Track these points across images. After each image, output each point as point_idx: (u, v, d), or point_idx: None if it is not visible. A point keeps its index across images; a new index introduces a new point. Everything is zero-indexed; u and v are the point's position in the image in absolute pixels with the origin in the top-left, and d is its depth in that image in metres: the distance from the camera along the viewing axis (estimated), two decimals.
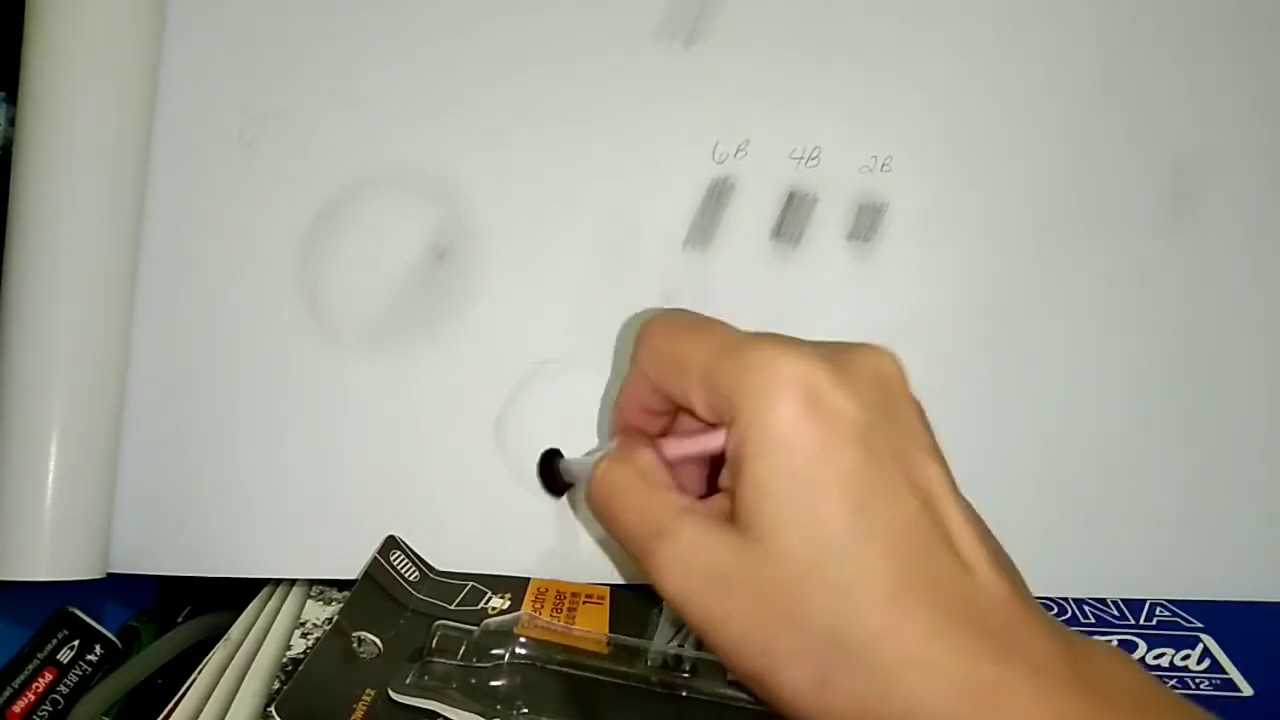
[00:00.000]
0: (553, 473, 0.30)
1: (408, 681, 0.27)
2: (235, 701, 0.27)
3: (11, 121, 0.32)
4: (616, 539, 0.24)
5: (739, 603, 0.20)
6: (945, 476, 0.22)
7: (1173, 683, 0.29)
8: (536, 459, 0.30)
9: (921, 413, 0.23)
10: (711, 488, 0.26)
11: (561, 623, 0.30)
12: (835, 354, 0.22)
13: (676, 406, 0.25)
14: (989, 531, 0.22)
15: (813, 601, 0.20)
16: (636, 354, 0.25)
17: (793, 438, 0.20)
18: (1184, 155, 0.32)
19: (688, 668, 0.28)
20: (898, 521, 0.20)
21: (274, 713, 0.26)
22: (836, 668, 0.19)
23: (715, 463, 0.26)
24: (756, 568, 0.20)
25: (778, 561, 0.20)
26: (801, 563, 0.20)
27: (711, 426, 0.23)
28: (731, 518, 0.21)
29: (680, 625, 0.30)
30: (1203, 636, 0.30)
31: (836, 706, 0.19)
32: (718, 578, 0.21)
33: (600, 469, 0.25)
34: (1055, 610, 0.31)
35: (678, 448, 0.25)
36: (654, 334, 0.25)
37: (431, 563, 0.32)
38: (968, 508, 0.22)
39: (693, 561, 0.21)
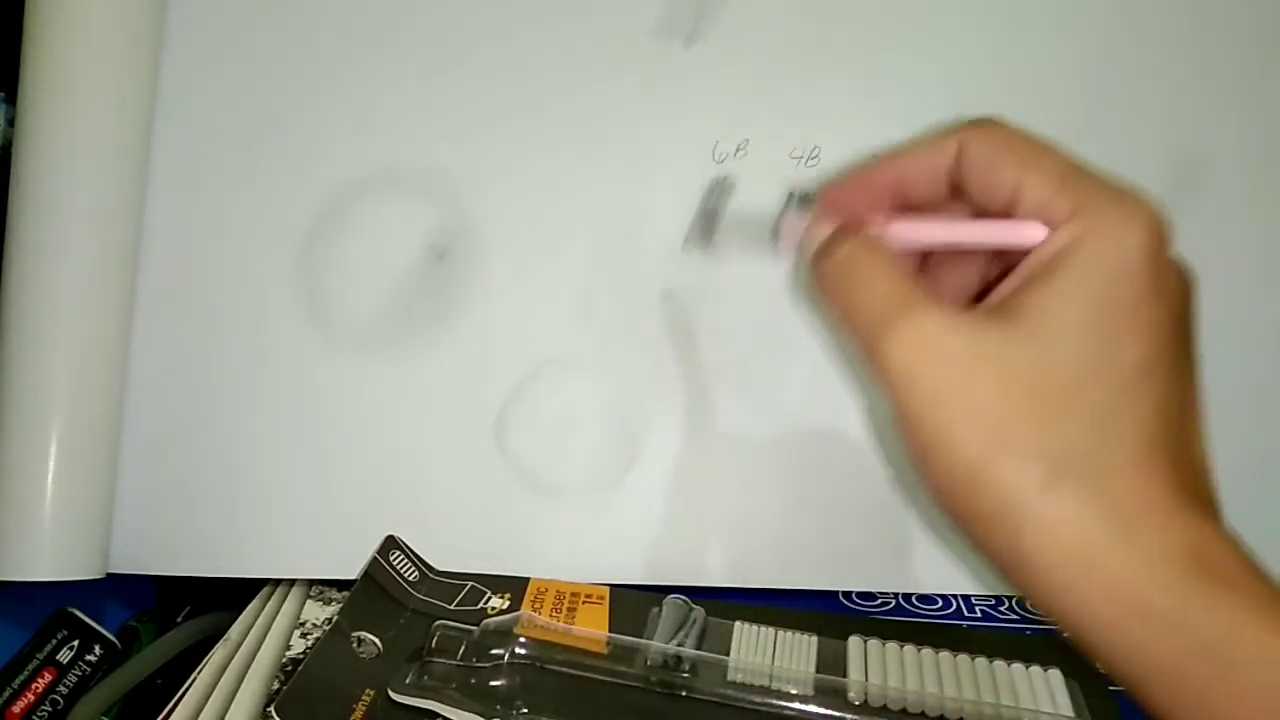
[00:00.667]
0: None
1: (407, 681, 0.27)
2: (235, 701, 0.27)
3: (11, 122, 0.32)
4: (843, 314, 0.23)
5: (990, 385, 0.20)
6: (1197, 398, 0.22)
7: None
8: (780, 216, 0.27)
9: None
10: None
11: (561, 622, 0.30)
12: (1173, 239, 0.22)
13: (945, 197, 0.24)
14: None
15: (1080, 412, 0.20)
16: (969, 129, 0.23)
17: (1129, 273, 0.20)
18: (1183, 155, 0.32)
19: (687, 667, 0.28)
20: (1160, 403, 0.20)
21: (274, 713, 0.26)
22: (1069, 481, 0.19)
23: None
24: (1021, 347, 0.20)
25: (1061, 358, 0.20)
26: (1082, 373, 0.20)
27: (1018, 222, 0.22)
28: (1003, 313, 0.21)
29: (680, 625, 0.30)
30: None
31: (1054, 515, 0.19)
32: (973, 358, 0.20)
33: (844, 248, 0.24)
34: None
35: (967, 232, 0.23)
36: (999, 127, 0.23)
37: (431, 563, 0.32)
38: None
39: (938, 343, 0.21)
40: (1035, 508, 0.19)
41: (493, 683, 0.27)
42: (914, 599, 0.32)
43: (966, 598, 0.32)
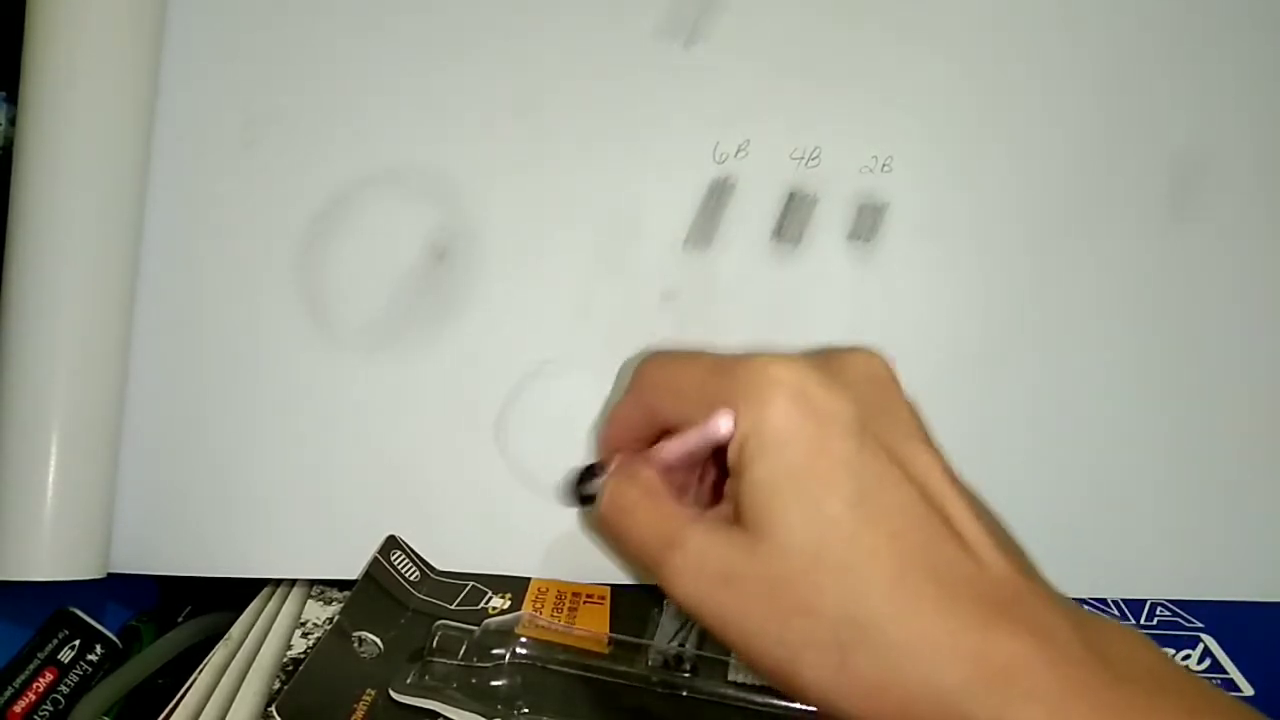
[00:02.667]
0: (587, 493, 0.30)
1: (408, 681, 0.27)
2: (236, 701, 0.27)
3: (12, 121, 0.32)
4: (628, 555, 0.25)
5: (752, 599, 0.21)
6: (941, 465, 0.22)
7: None
8: (571, 484, 0.31)
9: (914, 408, 0.24)
10: (714, 499, 0.26)
11: (562, 622, 0.30)
12: (824, 359, 0.23)
13: (666, 432, 0.26)
14: (993, 516, 0.23)
15: (823, 589, 0.20)
16: (634, 384, 0.27)
17: (789, 436, 0.21)
18: (1184, 155, 0.32)
19: (689, 667, 0.28)
20: (897, 507, 0.21)
21: (275, 713, 0.26)
22: (852, 650, 0.20)
23: (717, 476, 0.26)
24: (765, 563, 0.21)
25: (785, 554, 0.21)
26: (808, 553, 0.21)
27: (706, 423, 0.23)
28: (737, 520, 0.22)
29: (681, 624, 0.30)
30: (1203, 636, 0.30)
31: (856, 688, 0.20)
32: (729, 577, 0.21)
33: (608, 489, 0.25)
34: None
35: (680, 446, 0.25)
36: (650, 365, 0.26)
37: (432, 562, 0.32)
38: (968, 494, 0.22)
39: (703, 565, 0.22)
40: (838, 692, 0.20)
41: (494, 683, 0.28)
42: None
43: None
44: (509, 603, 0.31)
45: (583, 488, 0.30)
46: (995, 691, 0.19)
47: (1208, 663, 0.29)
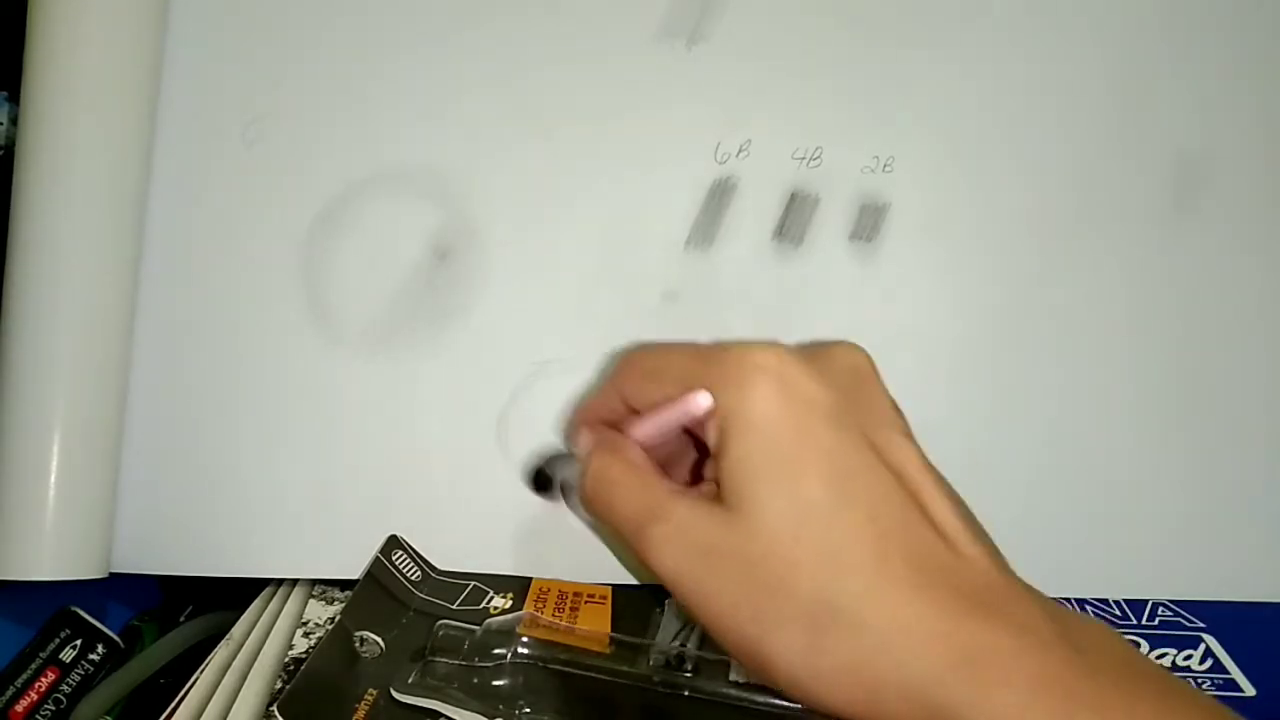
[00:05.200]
0: (547, 481, 0.30)
1: (410, 681, 0.27)
2: (237, 701, 0.27)
3: (14, 121, 0.32)
4: (611, 527, 0.24)
5: (729, 575, 0.21)
6: (919, 457, 0.22)
7: None
8: (529, 476, 0.31)
9: (893, 401, 0.24)
10: (695, 480, 0.27)
11: (564, 622, 0.30)
12: (806, 350, 0.23)
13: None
14: (968, 510, 0.23)
15: (799, 568, 0.20)
16: (614, 375, 0.27)
17: (770, 418, 0.22)
18: (1186, 154, 0.32)
19: (690, 667, 0.28)
20: (875, 493, 0.21)
21: (276, 712, 0.26)
22: (825, 631, 0.20)
23: (696, 461, 0.27)
24: (744, 540, 0.21)
25: (763, 532, 0.21)
26: (786, 532, 0.21)
27: (683, 398, 0.24)
28: (718, 500, 0.22)
29: (683, 624, 0.30)
30: (1205, 637, 0.30)
31: (827, 669, 0.20)
32: (708, 552, 0.22)
33: (594, 463, 0.25)
34: None
35: (654, 421, 0.25)
36: (630, 354, 0.26)
37: (434, 562, 0.32)
38: (945, 486, 0.22)
39: (684, 539, 0.22)
40: (808, 673, 0.20)
41: (495, 682, 0.28)
42: None
43: None
44: (510, 602, 0.31)
45: (547, 469, 0.30)
46: (968, 679, 0.19)
47: (1209, 663, 0.29)
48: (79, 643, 0.34)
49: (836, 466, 0.21)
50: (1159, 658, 0.29)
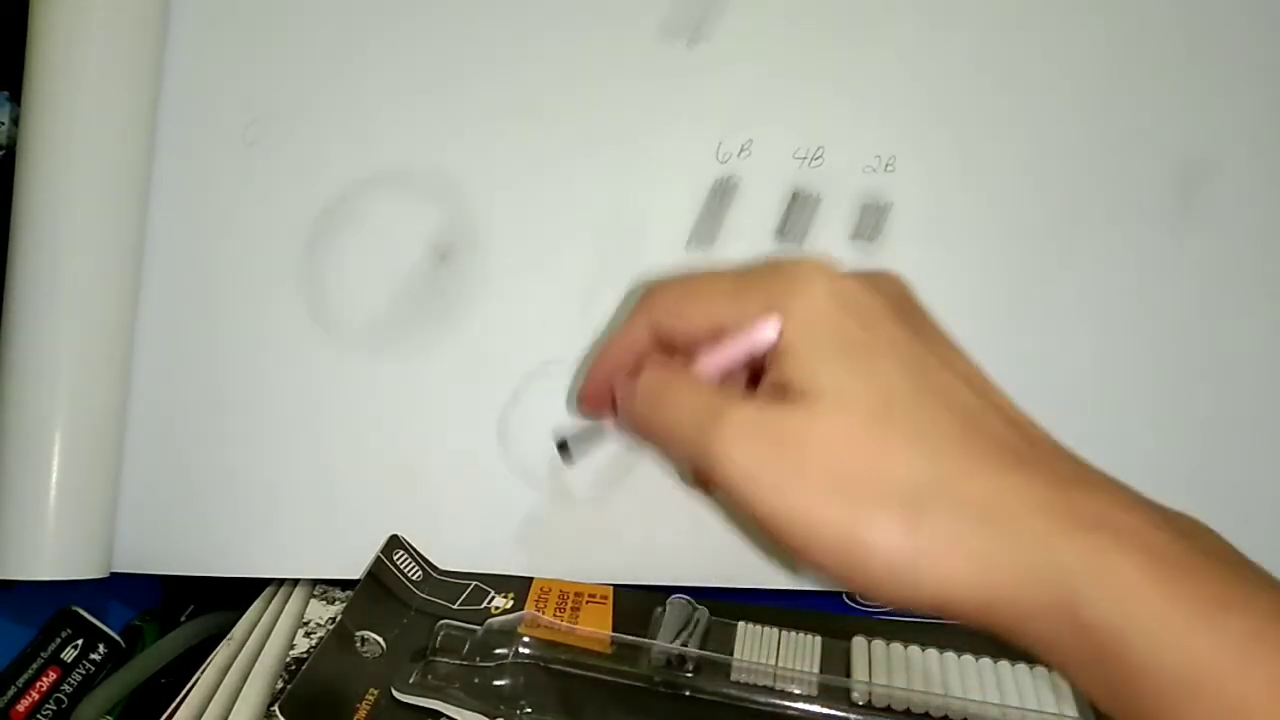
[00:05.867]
0: (568, 448, 0.30)
1: (411, 681, 0.27)
2: (239, 701, 0.27)
3: (16, 121, 0.32)
4: (665, 438, 0.23)
5: (813, 464, 0.20)
6: (975, 367, 0.22)
7: None
8: (554, 444, 0.30)
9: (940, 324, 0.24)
10: None
11: (565, 622, 0.30)
12: (854, 271, 0.23)
13: (679, 349, 0.25)
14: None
15: (891, 449, 0.20)
16: (641, 307, 0.25)
17: (836, 314, 0.21)
18: (1190, 154, 0.32)
19: (691, 667, 0.28)
20: (949, 385, 0.21)
21: (277, 712, 0.26)
22: (925, 509, 0.19)
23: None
24: (828, 428, 0.20)
25: (848, 417, 0.20)
26: (873, 414, 0.20)
27: (752, 328, 0.23)
28: (786, 394, 0.21)
29: (684, 624, 0.30)
30: None
31: (930, 549, 0.19)
32: (787, 442, 0.20)
33: (643, 378, 0.24)
34: None
35: (723, 354, 0.23)
36: (662, 286, 0.25)
37: (435, 562, 0.32)
38: (1010, 400, 0.22)
39: (759, 431, 0.21)
40: (912, 552, 0.19)
41: (496, 682, 0.28)
42: None
43: None
44: (512, 602, 0.31)
45: (570, 439, 0.29)
46: (1083, 546, 0.18)
47: None
48: (80, 642, 0.34)
49: (907, 358, 0.21)
50: None
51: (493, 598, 0.31)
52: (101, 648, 0.34)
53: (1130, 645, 0.17)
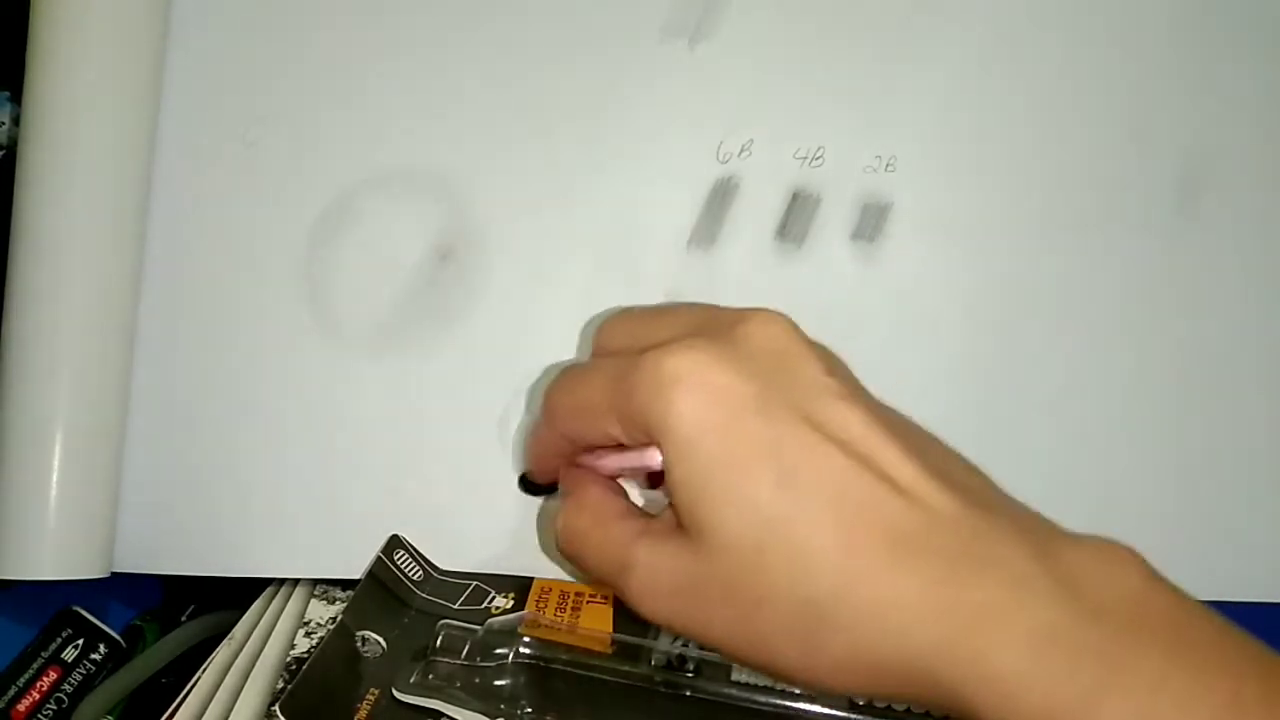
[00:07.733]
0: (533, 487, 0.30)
1: (412, 681, 0.27)
2: (239, 701, 0.27)
3: (16, 121, 0.32)
4: (593, 581, 0.25)
5: (711, 603, 0.21)
6: (863, 415, 0.21)
7: None
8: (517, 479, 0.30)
9: (827, 362, 0.23)
10: None
11: (565, 622, 0.30)
12: (717, 334, 0.22)
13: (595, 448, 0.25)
14: (928, 441, 0.22)
15: (773, 577, 0.20)
16: (544, 412, 0.25)
17: (699, 430, 0.21)
18: (1190, 154, 0.32)
19: (692, 667, 0.28)
20: (825, 476, 0.20)
21: (278, 712, 0.26)
22: (816, 630, 0.20)
23: None
24: (712, 566, 0.21)
25: (728, 552, 0.20)
26: (749, 546, 0.20)
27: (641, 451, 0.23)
28: (680, 526, 0.22)
29: None
30: None
31: (827, 665, 0.20)
32: (684, 589, 0.21)
33: (560, 523, 0.25)
34: None
35: (617, 463, 0.24)
36: (553, 391, 0.25)
37: (435, 562, 0.32)
38: (896, 430, 0.21)
39: (657, 584, 0.22)
40: (817, 673, 0.20)
41: (497, 682, 0.28)
42: None
43: None
44: (512, 602, 0.31)
45: (530, 491, 0.29)
46: (965, 645, 0.18)
47: None
48: (81, 642, 0.34)
49: (780, 460, 0.20)
50: None
51: (493, 598, 0.31)
52: (102, 647, 0.34)
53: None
